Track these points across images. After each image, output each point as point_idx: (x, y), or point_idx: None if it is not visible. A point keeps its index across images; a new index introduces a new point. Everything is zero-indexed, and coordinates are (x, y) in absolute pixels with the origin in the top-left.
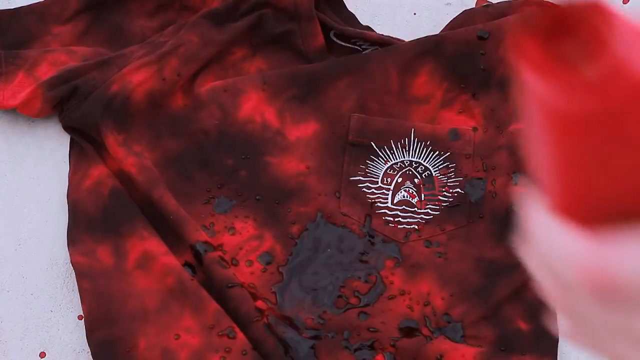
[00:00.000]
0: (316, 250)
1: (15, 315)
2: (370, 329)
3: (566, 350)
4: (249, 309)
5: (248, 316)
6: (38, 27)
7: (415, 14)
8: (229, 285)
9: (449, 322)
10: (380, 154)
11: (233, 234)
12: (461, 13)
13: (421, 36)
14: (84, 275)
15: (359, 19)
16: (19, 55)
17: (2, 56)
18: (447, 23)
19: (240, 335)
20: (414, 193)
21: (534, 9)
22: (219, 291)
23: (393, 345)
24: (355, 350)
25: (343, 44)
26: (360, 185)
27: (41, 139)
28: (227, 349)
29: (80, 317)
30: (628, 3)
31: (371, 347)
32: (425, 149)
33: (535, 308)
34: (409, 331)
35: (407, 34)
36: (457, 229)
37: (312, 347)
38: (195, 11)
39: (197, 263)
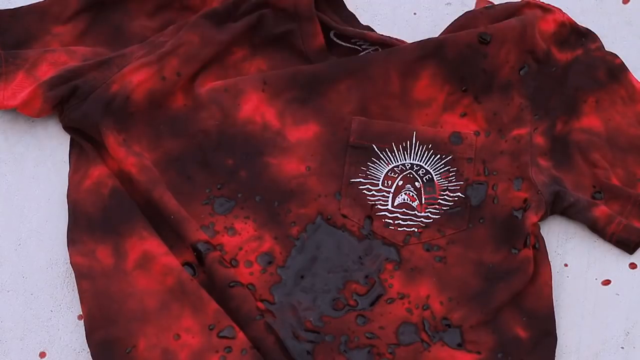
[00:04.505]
0: (316, 251)
1: (15, 315)
2: (368, 335)
3: (563, 357)
4: (250, 307)
5: (249, 315)
6: (38, 27)
7: (415, 14)
8: (231, 284)
9: (448, 327)
10: (382, 156)
11: (233, 235)
12: (462, 15)
13: (421, 36)
14: (83, 275)
15: (359, 19)
16: (19, 55)
17: (2, 56)
18: (447, 23)
19: (240, 334)
20: (415, 196)
21: (535, 11)
22: (220, 290)
23: (391, 353)
24: (353, 355)
25: (343, 44)
26: (360, 187)
27: (41, 139)
28: (227, 349)
29: (80, 317)
30: (628, 3)
31: (369, 355)
32: (426, 152)
33: (534, 316)
34: (407, 336)
35: (407, 34)
36: (457, 233)
37: (310, 352)
38: (195, 11)
39: (197, 263)
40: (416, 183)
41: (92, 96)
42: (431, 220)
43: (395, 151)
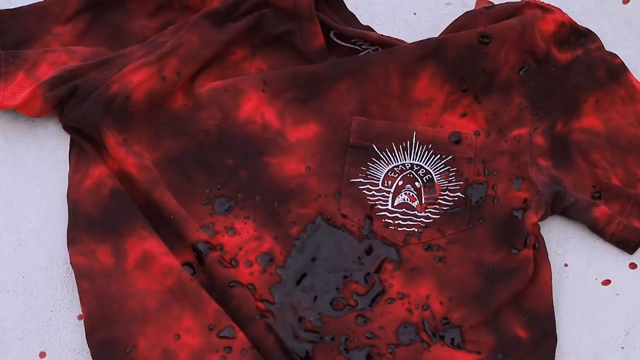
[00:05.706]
0: (316, 251)
1: (15, 315)
2: (368, 335)
3: (563, 357)
4: (250, 307)
5: (249, 315)
6: (38, 27)
7: (415, 14)
8: (231, 284)
9: (448, 326)
10: (382, 156)
11: (233, 235)
12: (462, 15)
13: (421, 36)
14: (83, 275)
15: (359, 19)
16: (19, 55)
17: (2, 56)
18: (447, 23)
19: (240, 334)
20: (415, 196)
21: (535, 11)
22: (220, 290)
23: (391, 353)
24: (353, 355)
25: (343, 44)
26: (360, 187)
27: (41, 139)
28: (227, 349)
29: (80, 317)
30: (628, 3)
31: (369, 355)
32: (426, 152)
33: (534, 316)
34: (407, 336)
35: (407, 34)
36: (457, 233)
37: (309, 352)
38: (195, 11)
39: (197, 263)
40: (416, 183)
41: (92, 96)
42: (431, 220)
43: (395, 151)
